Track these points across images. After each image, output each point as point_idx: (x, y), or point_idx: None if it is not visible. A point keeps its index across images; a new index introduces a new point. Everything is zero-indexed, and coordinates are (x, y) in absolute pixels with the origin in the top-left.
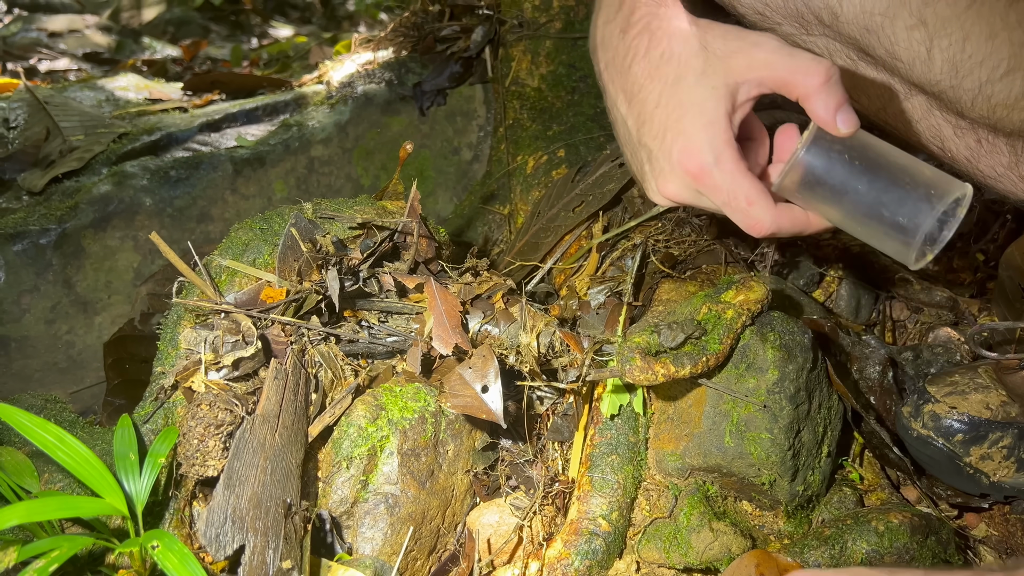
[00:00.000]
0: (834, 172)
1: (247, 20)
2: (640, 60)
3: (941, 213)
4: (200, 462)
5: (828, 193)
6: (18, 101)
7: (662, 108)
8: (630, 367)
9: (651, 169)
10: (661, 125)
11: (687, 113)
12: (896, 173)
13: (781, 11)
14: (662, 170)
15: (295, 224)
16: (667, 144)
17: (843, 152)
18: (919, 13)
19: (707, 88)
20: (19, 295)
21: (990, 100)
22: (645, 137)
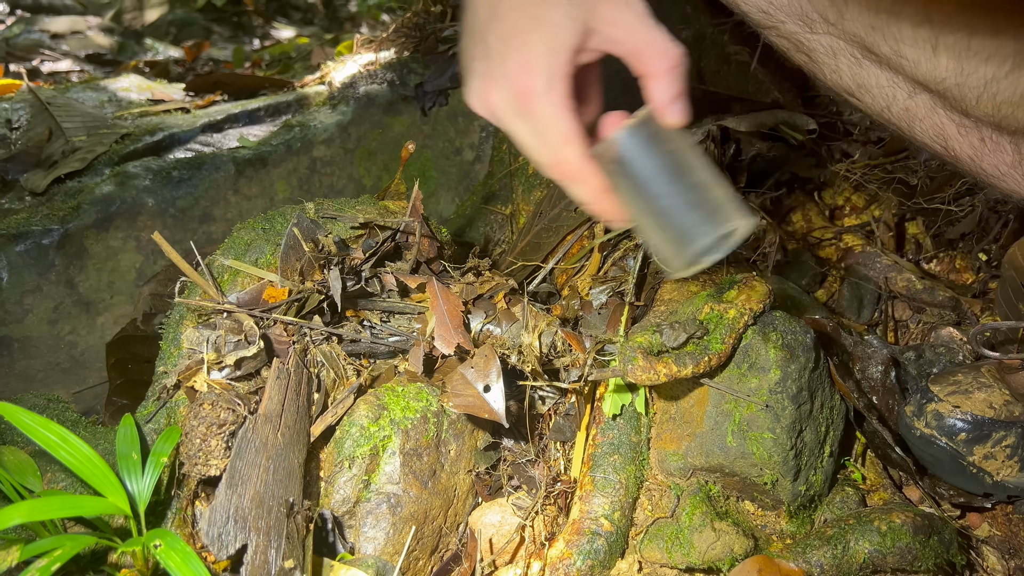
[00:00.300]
0: (646, 161)
1: (249, 21)
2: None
3: (718, 237)
4: (202, 461)
5: (631, 180)
6: (21, 102)
7: (517, 11)
8: (632, 367)
9: (482, 68)
10: (511, 28)
11: (538, 29)
12: (696, 185)
13: (785, 9)
14: (491, 74)
15: (297, 224)
16: (508, 50)
17: (660, 145)
18: (925, 9)
19: (567, 16)
20: (22, 295)
21: (995, 98)
22: (490, 33)
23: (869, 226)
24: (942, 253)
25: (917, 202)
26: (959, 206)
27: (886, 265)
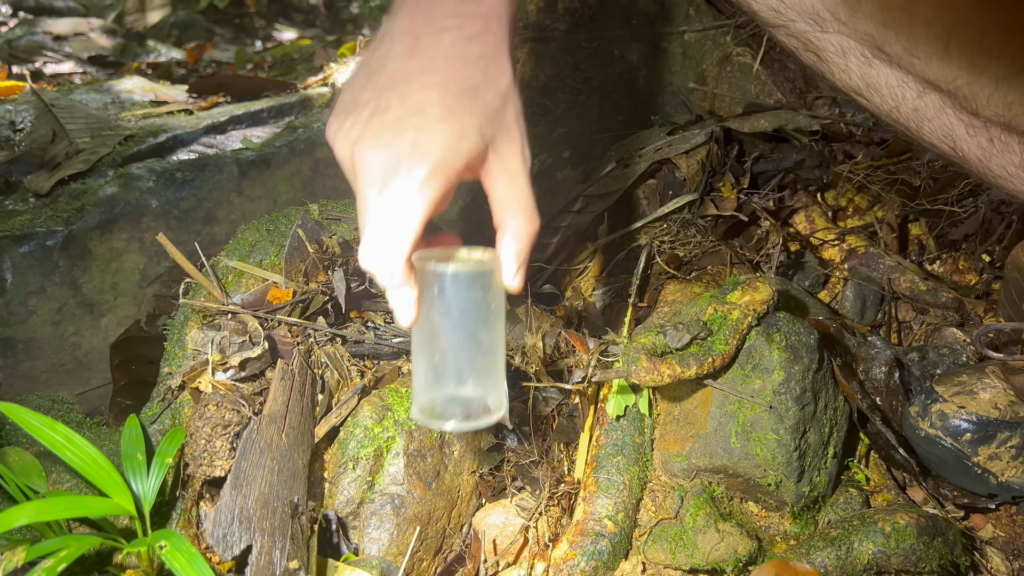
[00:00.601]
0: (456, 302)
1: (251, 23)
2: (455, 31)
3: (459, 406)
4: (207, 462)
5: (435, 310)
6: (24, 104)
7: (435, 91)
8: (636, 368)
9: (365, 117)
10: (420, 106)
11: (447, 124)
12: (478, 357)
13: (796, 8)
14: (373, 132)
15: (301, 225)
16: (405, 126)
17: (476, 302)
18: (938, 7)
19: (478, 131)
20: (26, 296)
21: (1006, 96)
22: (395, 91)
23: (872, 227)
24: (945, 254)
25: (920, 203)
26: (962, 207)
27: (889, 266)
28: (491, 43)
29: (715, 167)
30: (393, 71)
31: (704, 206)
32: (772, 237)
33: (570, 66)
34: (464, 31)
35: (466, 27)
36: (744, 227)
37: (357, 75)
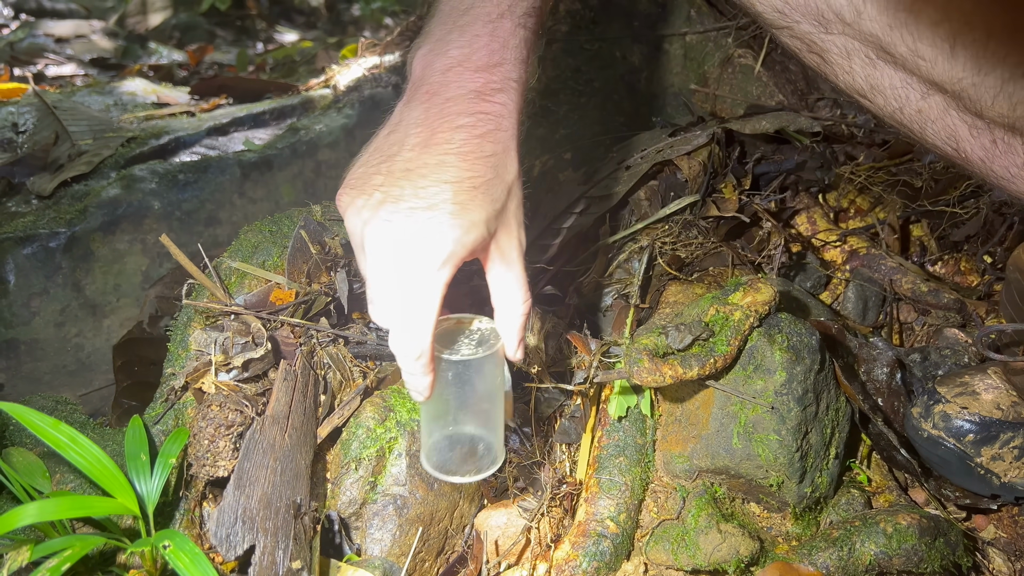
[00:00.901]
0: (467, 382)
1: (253, 25)
2: (468, 129)
3: (472, 464)
4: (210, 462)
5: (450, 388)
6: (27, 106)
7: (447, 185)
8: (638, 369)
9: (379, 198)
10: (431, 194)
11: (457, 216)
12: (488, 414)
13: (801, 9)
14: (384, 215)
15: (304, 226)
16: (415, 212)
17: (486, 377)
18: (944, 8)
19: (484, 223)
20: (29, 298)
21: (1011, 98)
22: (407, 176)
23: (874, 228)
24: (947, 255)
25: (922, 205)
26: (964, 209)
27: (891, 267)
28: (502, 140)
29: (717, 168)
30: (408, 160)
31: (706, 207)
32: (774, 238)
33: (572, 68)
34: (477, 130)
35: (479, 126)
36: (746, 228)
37: (370, 155)
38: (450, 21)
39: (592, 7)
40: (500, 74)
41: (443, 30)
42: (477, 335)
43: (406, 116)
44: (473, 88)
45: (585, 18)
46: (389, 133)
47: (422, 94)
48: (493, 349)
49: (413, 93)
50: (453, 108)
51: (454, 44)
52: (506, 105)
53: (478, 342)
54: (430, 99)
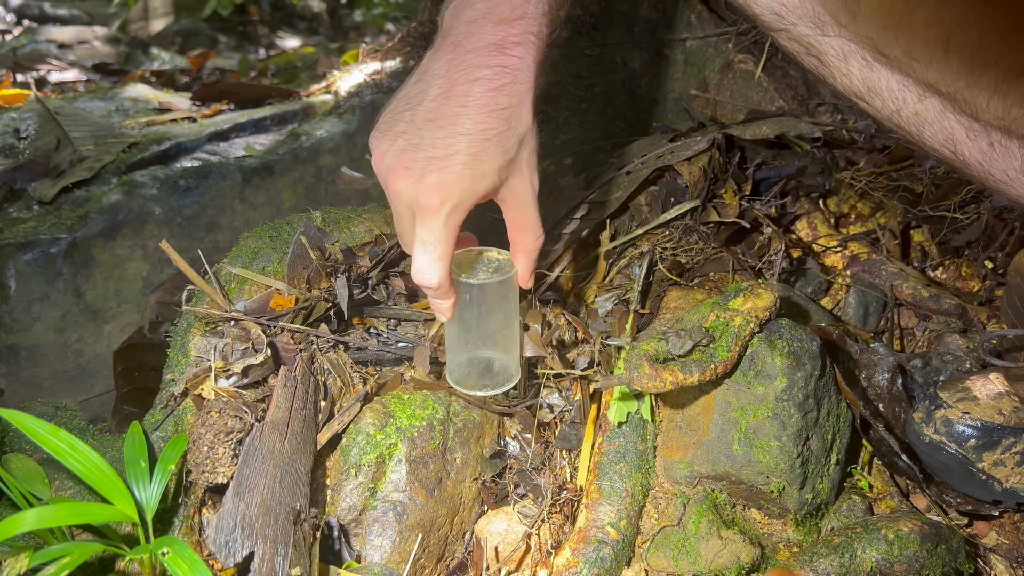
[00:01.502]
0: (484, 303)
1: (254, 31)
2: (485, 82)
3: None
4: (210, 469)
5: (469, 309)
6: (29, 111)
7: (462, 136)
8: (638, 374)
9: (401, 146)
10: (448, 144)
11: (469, 166)
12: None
13: (797, 11)
14: (407, 163)
15: (304, 232)
16: (432, 160)
17: (501, 300)
18: (938, 10)
19: (495, 171)
20: (29, 304)
21: (1006, 99)
22: (427, 130)
23: (874, 234)
24: (948, 261)
25: (922, 210)
26: (964, 214)
27: (892, 273)
28: (517, 93)
29: (717, 174)
30: (429, 111)
31: (706, 213)
32: (774, 244)
33: (572, 73)
34: (494, 83)
35: (496, 79)
36: (746, 234)
37: (398, 101)
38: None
39: (593, 13)
40: (520, 27)
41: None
42: (494, 264)
43: (431, 66)
44: (493, 40)
45: (586, 23)
46: (416, 82)
47: (447, 45)
48: (507, 275)
49: (440, 43)
50: (473, 60)
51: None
52: (523, 59)
53: (495, 270)
54: (453, 50)
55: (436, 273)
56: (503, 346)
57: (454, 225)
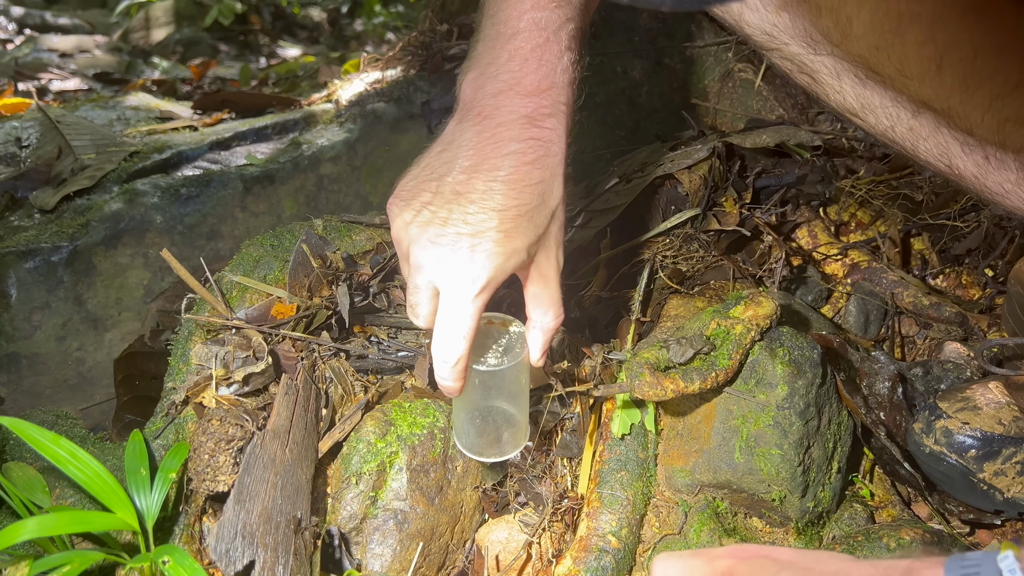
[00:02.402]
0: (493, 386)
1: (255, 40)
2: (518, 156)
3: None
4: (211, 477)
5: (472, 389)
6: (31, 120)
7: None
8: (639, 382)
9: (427, 217)
10: (478, 221)
11: (501, 244)
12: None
13: (789, 31)
14: (433, 237)
15: (305, 240)
16: (461, 238)
17: (510, 380)
18: (930, 29)
19: (525, 248)
20: (30, 312)
21: (999, 115)
22: (457, 202)
23: (875, 242)
24: (948, 269)
25: (922, 218)
26: (964, 222)
27: (892, 281)
28: (550, 166)
29: (717, 182)
30: (457, 183)
31: (707, 221)
32: (775, 252)
33: None
34: (527, 156)
35: (529, 153)
36: (747, 242)
37: (421, 169)
38: (498, 46)
39: (593, 22)
40: (550, 98)
41: (491, 55)
42: (505, 339)
43: (458, 136)
44: (524, 113)
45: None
46: (441, 151)
47: (474, 116)
48: (518, 359)
49: (465, 114)
50: (504, 133)
51: (504, 68)
52: (555, 130)
53: (505, 348)
54: (482, 122)
55: (456, 355)
56: (512, 417)
57: (481, 305)
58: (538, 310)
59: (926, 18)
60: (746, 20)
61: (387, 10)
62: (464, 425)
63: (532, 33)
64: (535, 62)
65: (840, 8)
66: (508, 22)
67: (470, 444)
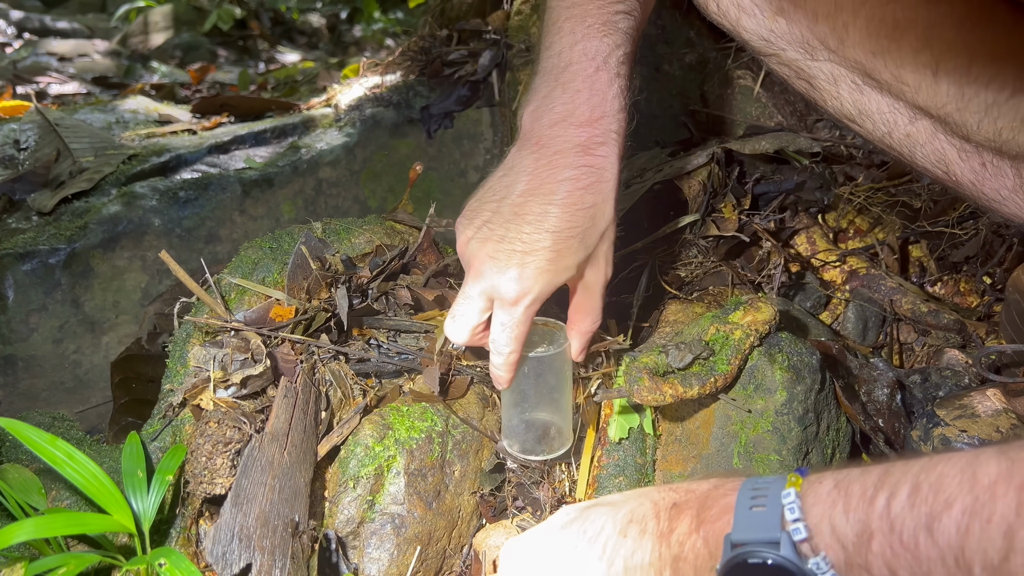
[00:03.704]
0: (540, 374)
1: (255, 45)
2: (572, 182)
3: (545, 444)
4: (208, 480)
5: (527, 378)
6: (29, 123)
7: (546, 232)
8: (638, 387)
9: (486, 234)
10: (532, 238)
11: (553, 261)
12: (557, 402)
13: (786, 37)
14: (491, 252)
15: (305, 242)
16: (512, 252)
17: (556, 372)
18: (926, 35)
19: (574, 263)
20: (27, 314)
21: (996, 122)
22: (513, 222)
23: (873, 249)
24: (946, 276)
25: (921, 225)
26: (963, 229)
27: (891, 288)
28: (602, 191)
29: (716, 188)
30: (516, 205)
31: (705, 227)
32: (773, 258)
33: None
34: (580, 182)
35: (582, 179)
36: (745, 248)
37: (485, 192)
38: (552, 78)
39: None
40: (602, 127)
41: (547, 87)
42: (549, 336)
43: (518, 163)
44: (578, 142)
45: None
46: (503, 176)
47: (532, 144)
48: (562, 348)
49: (524, 143)
50: (560, 161)
51: (558, 101)
52: (608, 157)
53: (550, 342)
54: (539, 150)
55: (513, 349)
56: (558, 411)
57: (532, 314)
58: (579, 314)
59: (922, 25)
60: (744, 26)
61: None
62: (512, 420)
63: (583, 64)
64: (586, 92)
65: (837, 14)
66: (561, 54)
67: (520, 442)
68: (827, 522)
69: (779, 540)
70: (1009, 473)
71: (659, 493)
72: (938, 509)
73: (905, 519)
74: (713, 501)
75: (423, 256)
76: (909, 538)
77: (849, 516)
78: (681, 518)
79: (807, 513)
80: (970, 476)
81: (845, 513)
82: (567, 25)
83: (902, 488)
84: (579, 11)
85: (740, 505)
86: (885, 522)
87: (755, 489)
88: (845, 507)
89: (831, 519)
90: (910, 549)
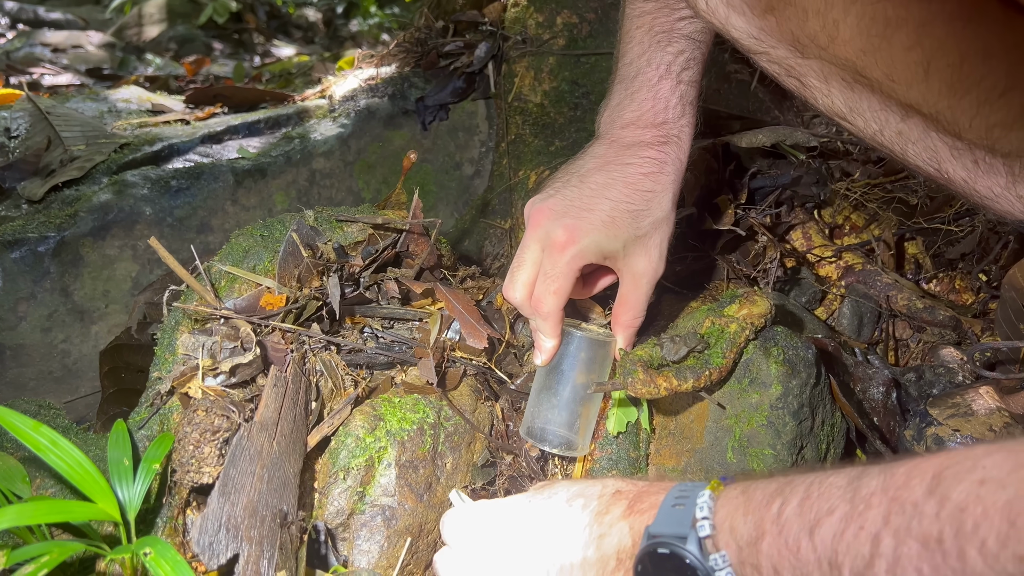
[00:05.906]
0: (580, 360)
1: (250, 39)
2: (636, 167)
3: (563, 439)
4: (195, 469)
5: (567, 357)
6: (20, 111)
7: (607, 202)
8: (632, 380)
9: (554, 199)
10: (590, 204)
11: (601, 229)
12: (588, 400)
13: (776, 35)
14: (554, 210)
15: (296, 230)
16: (569, 211)
17: (597, 359)
18: (917, 33)
19: (624, 237)
20: (16, 302)
21: (987, 120)
22: (577, 192)
23: (869, 245)
24: (942, 273)
25: (917, 222)
26: (959, 226)
27: (886, 284)
28: (662, 182)
29: (712, 182)
30: (582, 175)
31: (701, 221)
32: (769, 252)
33: (568, 81)
34: (643, 169)
35: (645, 166)
36: (741, 242)
37: (558, 172)
38: (623, 86)
39: (589, 20)
40: (665, 130)
41: (621, 95)
42: (593, 332)
43: (591, 151)
44: (644, 140)
45: (582, 31)
46: (576, 159)
47: (606, 140)
48: (605, 337)
49: (599, 139)
50: (627, 151)
51: (627, 108)
52: (669, 154)
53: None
54: (611, 143)
55: (551, 304)
56: (586, 411)
57: (576, 266)
58: (623, 307)
59: (913, 23)
60: (733, 23)
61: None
62: (541, 409)
63: (648, 74)
64: (651, 101)
65: (827, 12)
66: (632, 64)
67: (541, 430)
68: (729, 522)
69: (687, 535)
70: (886, 486)
71: (614, 482)
72: (820, 516)
73: (792, 523)
74: (647, 496)
75: (415, 245)
76: (793, 541)
77: (747, 518)
78: (618, 504)
79: (715, 513)
80: (854, 487)
81: (745, 515)
82: (636, 35)
83: (795, 495)
84: (647, 20)
85: (665, 502)
86: (775, 525)
87: (682, 490)
88: (745, 510)
89: (732, 520)
90: (793, 551)
